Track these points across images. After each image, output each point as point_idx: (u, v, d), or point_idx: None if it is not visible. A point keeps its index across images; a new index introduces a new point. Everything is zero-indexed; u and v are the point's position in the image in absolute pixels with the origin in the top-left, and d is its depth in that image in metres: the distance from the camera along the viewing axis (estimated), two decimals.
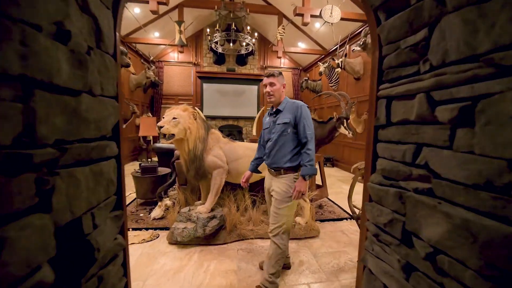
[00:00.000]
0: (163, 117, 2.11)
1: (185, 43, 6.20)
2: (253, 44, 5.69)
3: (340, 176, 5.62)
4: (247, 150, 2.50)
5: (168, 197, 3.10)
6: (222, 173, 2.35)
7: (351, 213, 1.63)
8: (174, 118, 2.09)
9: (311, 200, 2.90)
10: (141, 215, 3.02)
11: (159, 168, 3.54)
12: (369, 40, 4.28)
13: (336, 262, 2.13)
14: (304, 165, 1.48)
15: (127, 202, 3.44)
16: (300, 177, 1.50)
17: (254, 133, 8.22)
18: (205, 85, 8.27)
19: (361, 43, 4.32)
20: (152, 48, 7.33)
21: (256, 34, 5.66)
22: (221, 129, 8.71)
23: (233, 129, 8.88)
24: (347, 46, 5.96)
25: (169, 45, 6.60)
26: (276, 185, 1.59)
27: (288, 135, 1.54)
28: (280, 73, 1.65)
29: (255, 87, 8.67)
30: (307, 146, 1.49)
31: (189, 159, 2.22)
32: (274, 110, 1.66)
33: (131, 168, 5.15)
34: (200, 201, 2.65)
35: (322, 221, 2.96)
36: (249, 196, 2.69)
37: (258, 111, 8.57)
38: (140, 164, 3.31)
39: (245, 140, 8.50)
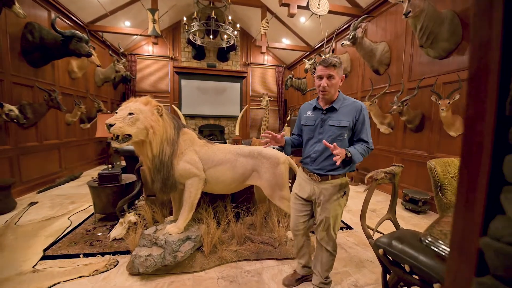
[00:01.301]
0: (116, 112, 1.61)
1: (159, 34, 5.60)
2: (235, 36, 5.24)
3: None
4: (228, 154, 2.06)
5: (134, 211, 2.56)
6: (197, 183, 1.89)
7: (366, 237, 1.27)
8: (131, 113, 1.60)
9: None
10: (98, 234, 2.46)
11: (125, 175, 2.98)
12: (359, 34, 4.02)
13: None
14: (357, 151, 1.29)
15: (84, 218, 2.84)
16: (349, 153, 1.25)
17: (237, 133, 7.79)
18: (183, 82, 7.66)
19: (351, 37, 4.05)
20: (122, 39, 6.60)
21: (238, 25, 5.21)
22: (201, 129, 8.14)
23: (214, 129, 8.35)
24: (334, 42, 5.73)
25: (141, 35, 5.94)
26: (322, 191, 1.42)
27: (344, 141, 1.35)
28: (341, 63, 1.34)
29: (237, 85, 8.22)
30: (369, 146, 1.35)
31: (154, 168, 1.74)
32: (324, 105, 1.40)
33: (95, 174, 4.47)
34: (171, 217, 2.17)
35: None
36: (232, 209, 2.25)
37: (241, 110, 8.13)
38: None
39: (227, 141, 8.01)
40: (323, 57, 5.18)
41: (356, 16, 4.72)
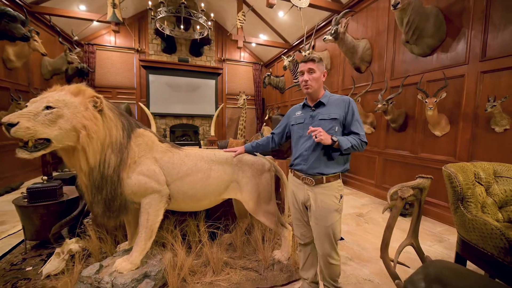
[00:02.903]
0: (26, 105, 1.09)
1: (121, 21, 4.90)
2: (209, 27, 4.76)
3: None
4: (200, 161, 1.63)
5: (79, 236, 1.99)
6: (158, 201, 1.44)
7: (391, 277, 0.94)
8: (48, 107, 1.10)
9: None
10: (27, 269, 1.86)
11: (70, 188, 2.37)
12: (341, 28, 3.81)
13: None
14: (347, 139, 1.26)
15: (13, 244, 2.19)
16: (335, 137, 1.23)
17: (212, 133, 7.26)
18: (151, 77, 6.93)
19: (333, 31, 3.83)
20: (77, 25, 5.72)
21: (212, 15, 4.73)
22: (173, 129, 7.47)
23: (188, 129, 7.74)
24: (314, 39, 5.52)
25: (98, 21, 5.15)
26: (317, 197, 1.33)
27: (335, 134, 1.29)
28: (321, 59, 1.37)
29: (212, 82, 7.70)
30: (361, 138, 1.30)
31: (92, 185, 1.25)
32: (312, 102, 1.41)
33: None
34: (125, 244, 1.67)
35: None
36: (205, 229, 1.82)
37: (216, 109, 7.63)
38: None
39: (201, 142, 7.44)
40: (303, 53, 4.96)
41: (336, 11, 4.54)
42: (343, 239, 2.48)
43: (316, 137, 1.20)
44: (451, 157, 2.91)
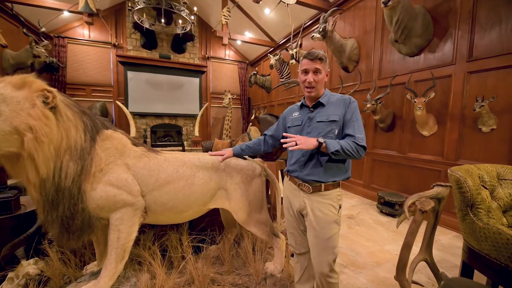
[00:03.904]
0: None
1: (94, 11, 4.50)
2: (192, 22, 4.50)
3: None
4: (182, 166, 1.42)
5: (38, 257, 1.69)
6: (131, 215, 1.22)
7: None
8: None
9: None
10: None
11: (24, 198, 2.05)
12: (329, 26, 3.73)
13: None
14: (338, 142, 1.10)
15: None
16: (321, 139, 1.09)
17: (196, 133, 6.97)
18: (130, 74, 6.51)
19: (321, 29, 3.74)
20: (45, 15, 5.20)
21: (195, 8, 4.48)
22: (154, 129, 7.09)
23: (170, 129, 7.38)
24: (300, 38, 5.44)
25: (69, 11, 4.71)
26: (314, 206, 1.21)
27: (335, 138, 1.18)
28: (327, 57, 1.24)
29: (196, 80, 7.40)
30: (356, 140, 1.12)
31: (45, 200, 1.01)
32: (310, 102, 1.28)
33: None
34: (93, 265, 1.42)
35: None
36: (189, 242, 1.61)
37: (200, 108, 7.34)
38: None
39: (185, 143, 7.12)
40: (290, 52, 4.85)
41: (323, 9, 4.47)
42: None
43: (296, 145, 1.07)
44: (438, 157, 2.91)
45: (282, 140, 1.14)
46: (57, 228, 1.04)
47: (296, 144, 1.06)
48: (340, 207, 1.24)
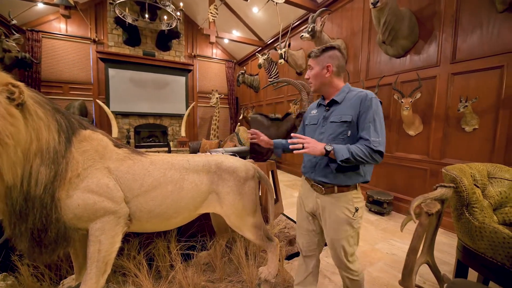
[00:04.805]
0: None
1: (72, 4, 4.22)
2: (178, 18, 4.34)
3: (286, 181, 5.01)
4: (170, 169, 1.32)
5: (6, 272, 1.51)
6: (113, 224, 1.10)
7: None
8: None
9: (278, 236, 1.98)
10: None
11: None
12: (318, 26, 3.74)
13: None
14: (348, 148, 1.00)
15: None
16: (329, 147, 1.01)
17: (183, 133, 6.78)
18: (111, 71, 6.20)
19: (310, 29, 3.74)
20: (16, 7, 4.81)
21: (181, 4, 4.33)
22: (138, 129, 6.81)
23: (155, 130, 7.12)
24: (289, 38, 5.43)
25: (44, 3, 4.38)
26: (326, 207, 1.18)
27: (348, 140, 1.08)
28: (324, 50, 1.17)
29: (182, 78, 7.19)
30: (369, 145, 1.00)
31: (10, 211, 0.88)
32: (326, 100, 1.22)
33: None
34: (72, 278, 1.29)
35: (289, 258, 2.08)
36: (178, 250, 1.51)
37: (187, 107, 7.15)
38: None
39: (171, 144, 6.90)
40: (279, 51, 4.82)
41: (312, 10, 4.49)
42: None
43: (303, 148, 1.02)
44: (424, 155, 2.99)
45: (289, 141, 1.06)
46: (26, 242, 0.91)
47: (303, 147, 1.00)
48: (356, 210, 1.16)
